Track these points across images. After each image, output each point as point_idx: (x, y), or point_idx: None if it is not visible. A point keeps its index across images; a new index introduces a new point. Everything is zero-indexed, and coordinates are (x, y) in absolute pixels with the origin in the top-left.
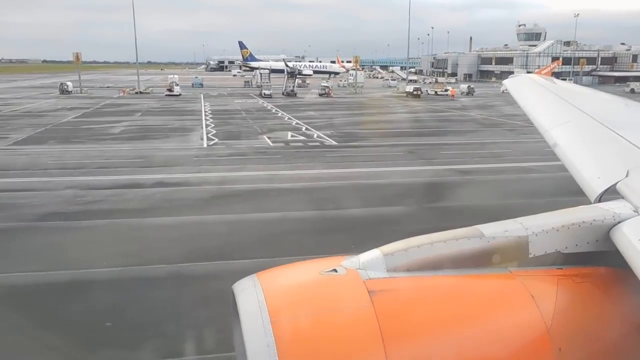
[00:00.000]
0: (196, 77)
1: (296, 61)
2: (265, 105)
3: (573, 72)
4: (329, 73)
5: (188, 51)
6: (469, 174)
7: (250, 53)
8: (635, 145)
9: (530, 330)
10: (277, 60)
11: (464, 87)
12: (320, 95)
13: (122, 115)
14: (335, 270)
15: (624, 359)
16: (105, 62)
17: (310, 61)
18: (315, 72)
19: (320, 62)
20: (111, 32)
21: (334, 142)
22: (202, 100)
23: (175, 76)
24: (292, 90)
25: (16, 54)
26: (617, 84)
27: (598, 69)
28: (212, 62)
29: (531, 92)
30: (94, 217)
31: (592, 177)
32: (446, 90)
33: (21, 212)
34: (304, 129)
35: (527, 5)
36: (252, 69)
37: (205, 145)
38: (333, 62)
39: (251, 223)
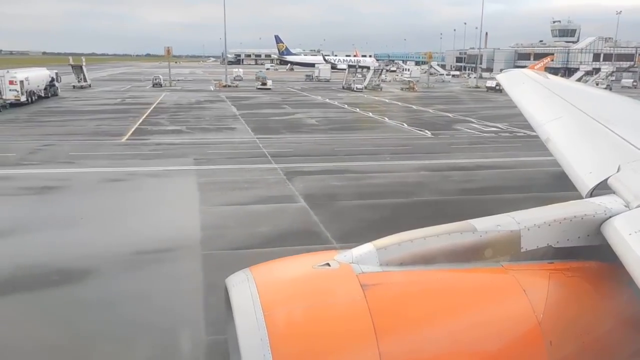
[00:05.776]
0: (260, 71)
1: (312, 55)
2: (377, 99)
3: (618, 68)
4: (362, 67)
5: (184, 44)
6: None
7: (286, 47)
8: (626, 140)
9: (522, 324)
10: (306, 54)
11: None
12: (403, 89)
13: (274, 108)
14: (328, 265)
15: (613, 352)
16: (103, 54)
17: (325, 55)
18: (349, 66)
19: (335, 55)
20: (105, 24)
21: (533, 133)
22: (313, 94)
23: (240, 70)
24: (378, 85)
25: (14, 46)
26: None
27: (636, 66)
28: (229, 56)
29: (524, 87)
30: (486, 193)
31: (584, 172)
32: None
33: (425, 190)
34: (473, 120)
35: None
36: (287, 62)
37: (427, 135)
38: (348, 55)
39: None
